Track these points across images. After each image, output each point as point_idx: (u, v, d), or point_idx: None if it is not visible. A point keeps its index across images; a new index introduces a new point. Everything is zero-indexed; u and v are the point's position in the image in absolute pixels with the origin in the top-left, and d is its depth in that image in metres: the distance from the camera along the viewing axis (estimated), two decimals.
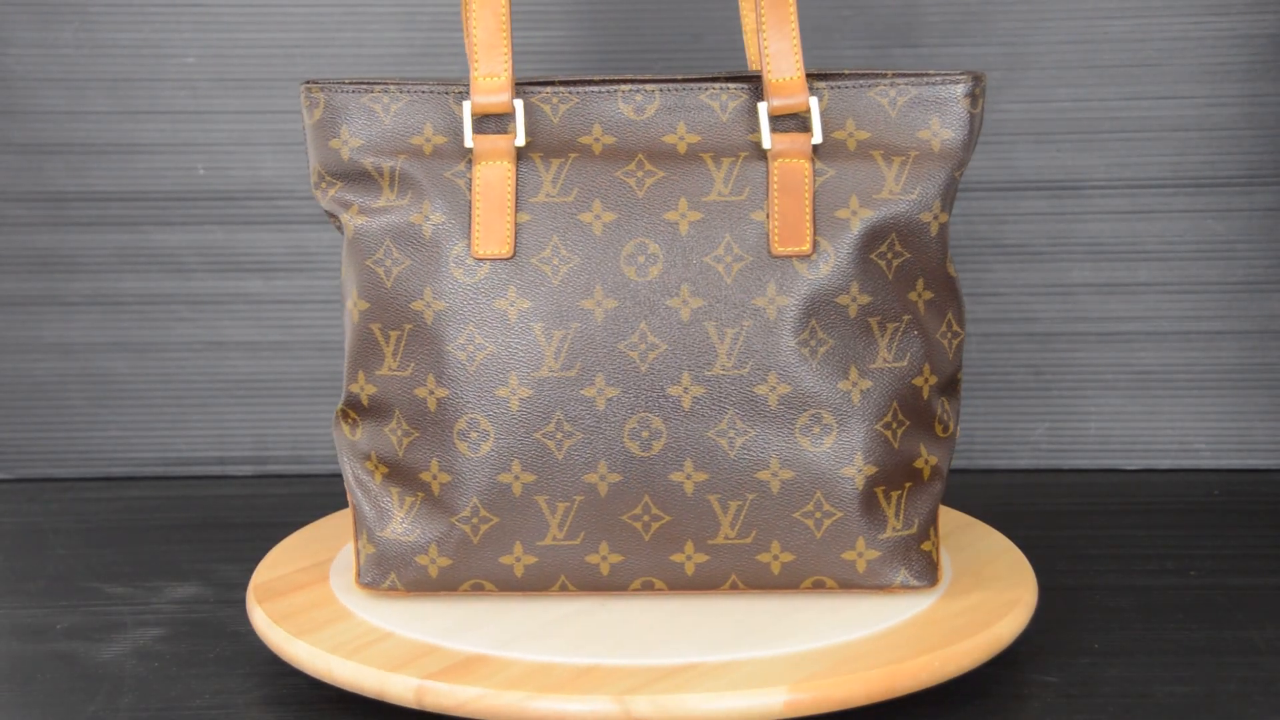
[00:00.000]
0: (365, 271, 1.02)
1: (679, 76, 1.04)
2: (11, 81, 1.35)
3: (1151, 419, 1.37)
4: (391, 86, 1.02)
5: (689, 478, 1.00)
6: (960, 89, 1.03)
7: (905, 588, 1.03)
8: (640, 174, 1.01)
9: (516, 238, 1.00)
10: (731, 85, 1.03)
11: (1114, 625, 1.09)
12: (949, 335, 1.04)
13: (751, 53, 1.10)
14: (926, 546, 1.03)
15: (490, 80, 1.01)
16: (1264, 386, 1.36)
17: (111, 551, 1.23)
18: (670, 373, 1.00)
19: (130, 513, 1.31)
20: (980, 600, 1.03)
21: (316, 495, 1.33)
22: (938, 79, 1.03)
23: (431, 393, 1.00)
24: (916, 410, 1.03)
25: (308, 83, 1.03)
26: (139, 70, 1.35)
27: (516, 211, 1.00)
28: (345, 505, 1.24)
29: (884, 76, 1.03)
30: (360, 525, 1.03)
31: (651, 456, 1.00)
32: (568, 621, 1.00)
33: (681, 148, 1.02)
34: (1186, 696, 0.99)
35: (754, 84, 1.04)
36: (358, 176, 1.02)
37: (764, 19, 1.02)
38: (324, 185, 1.03)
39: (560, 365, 1.00)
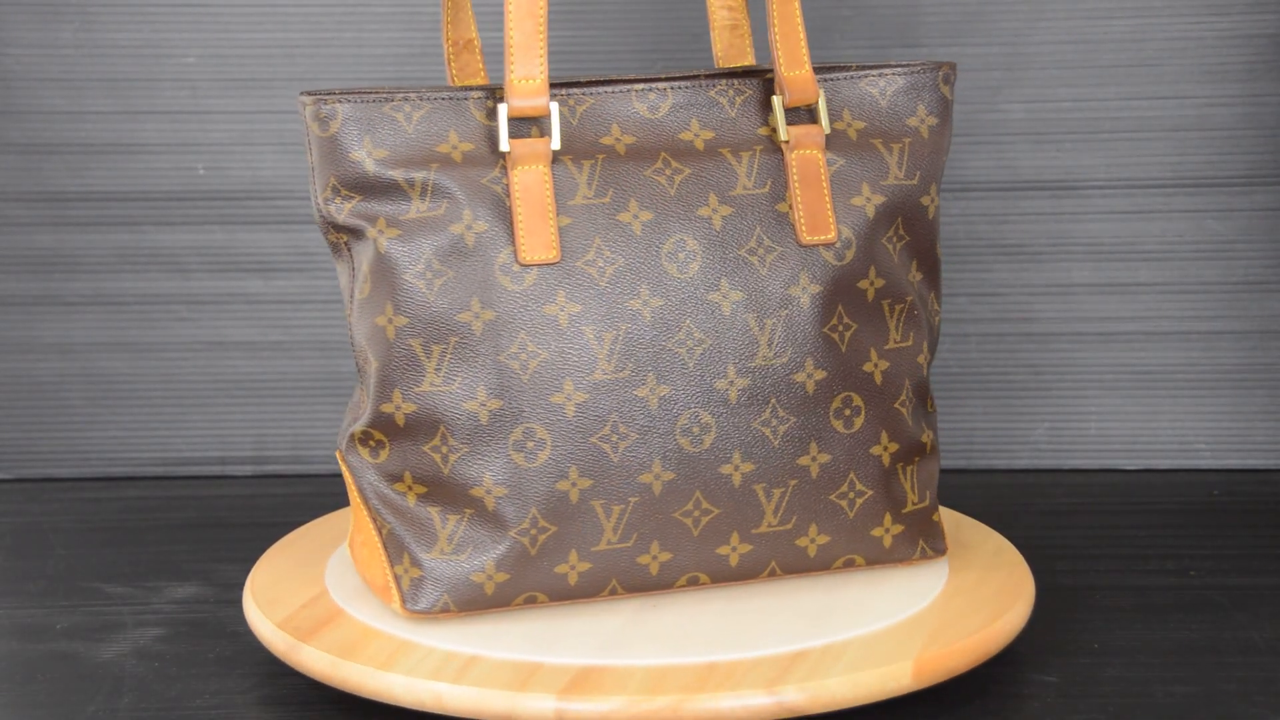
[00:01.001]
0: (404, 286, 0.98)
1: (688, 73, 1.05)
2: (11, 81, 1.35)
3: (1151, 419, 1.37)
4: (411, 95, 0.99)
5: (737, 469, 1.01)
6: (940, 75, 1.07)
7: (923, 558, 1.07)
8: (669, 171, 1.02)
9: (560, 241, 0.99)
10: (736, 81, 1.05)
11: (1114, 625, 1.09)
12: (934, 313, 1.08)
13: (718, 48, 1.11)
14: (936, 517, 1.08)
15: (527, 83, 0.99)
16: (1264, 386, 1.36)
17: (111, 551, 1.23)
18: (716, 367, 1.01)
19: (130, 513, 1.31)
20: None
21: (316, 495, 1.33)
22: (917, 68, 1.06)
23: (483, 405, 0.98)
24: (919, 387, 1.07)
25: (316, 95, 0.99)
26: (139, 70, 1.35)
27: (557, 215, 1.00)
28: (345, 505, 1.24)
29: (849, 69, 1.06)
30: (397, 549, 1.00)
31: (702, 452, 1.01)
32: (634, 625, 1.00)
33: (699, 144, 1.03)
34: (1186, 696, 0.99)
35: (756, 79, 1.05)
36: (384, 188, 0.99)
37: (774, 14, 1.04)
38: (339, 199, 0.99)
39: (613, 367, 0.99)
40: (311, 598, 1.04)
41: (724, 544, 1.02)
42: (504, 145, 0.99)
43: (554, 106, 1.00)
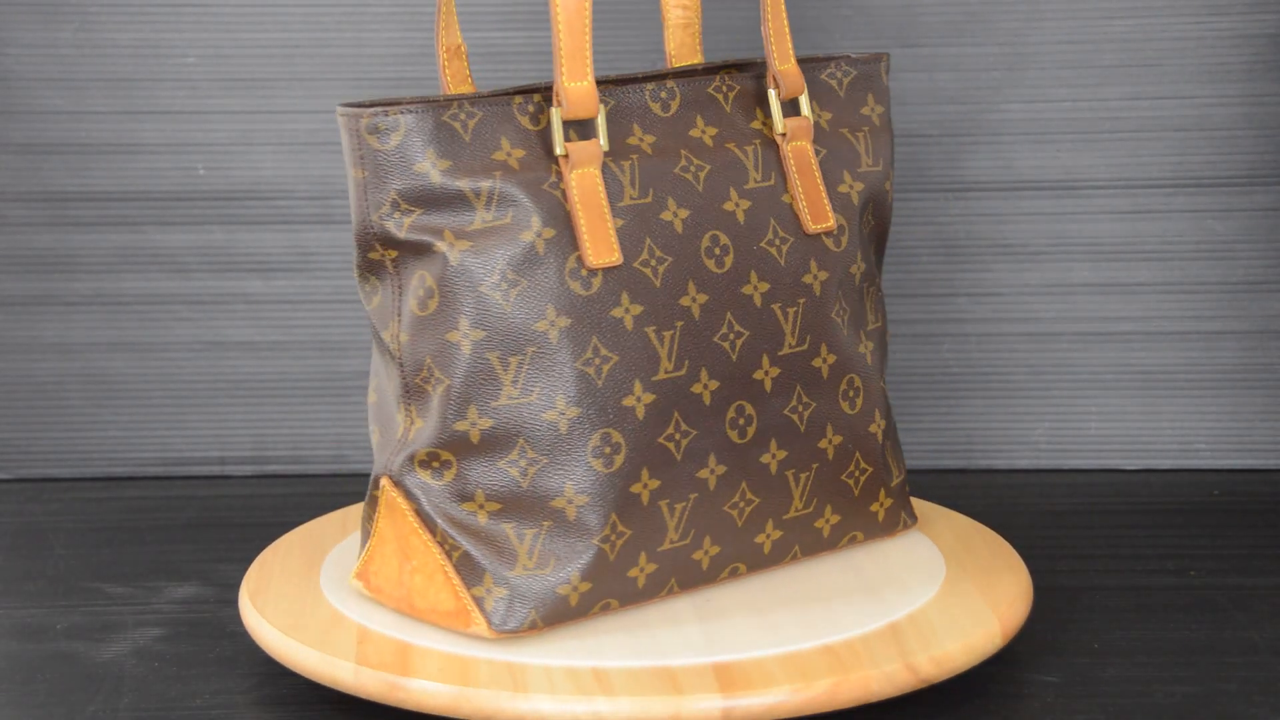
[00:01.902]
0: (481, 298, 0.96)
1: (683, 70, 1.06)
2: (11, 81, 1.35)
3: (1151, 419, 1.37)
4: (464, 103, 0.97)
5: (774, 457, 1.03)
6: (882, 66, 1.11)
7: (904, 529, 1.11)
8: (693, 169, 1.03)
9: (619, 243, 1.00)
10: (727, 77, 1.06)
11: (1114, 625, 1.09)
12: (882, 295, 1.12)
13: (671, 46, 1.12)
14: (908, 488, 1.13)
15: (578, 85, 0.98)
16: (1264, 386, 1.36)
17: (111, 551, 1.23)
18: (753, 358, 1.03)
19: (130, 513, 1.31)
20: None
21: (316, 495, 1.33)
22: (864, 60, 1.10)
23: (562, 414, 0.97)
24: (886, 364, 1.11)
25: (366, 107, 0.96)
26: (139, 70, 1.35)
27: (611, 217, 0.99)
28: (344, 505, 1.24)
29: (802, 61, 1.09)
30: (473, 571, 0.98)
31: (747, 443, 1.02)
32: (694, 621, 1.00)
33: (708, 141, 1.04)
34: (1186, 696, 0.99)
35: (740, 74, 1.07)
36: (448, 199, 0.96)
37: (767, 10, 1.05)
38: (399, 213, 0.97)
39: (674, 366, 1.00)
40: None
41: (760, 532, 1.04)
42: (559, 149, 0.98)
43: (601, 108, 0.99)
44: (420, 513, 0.99)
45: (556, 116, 0.98)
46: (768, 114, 1.07)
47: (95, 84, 1.35)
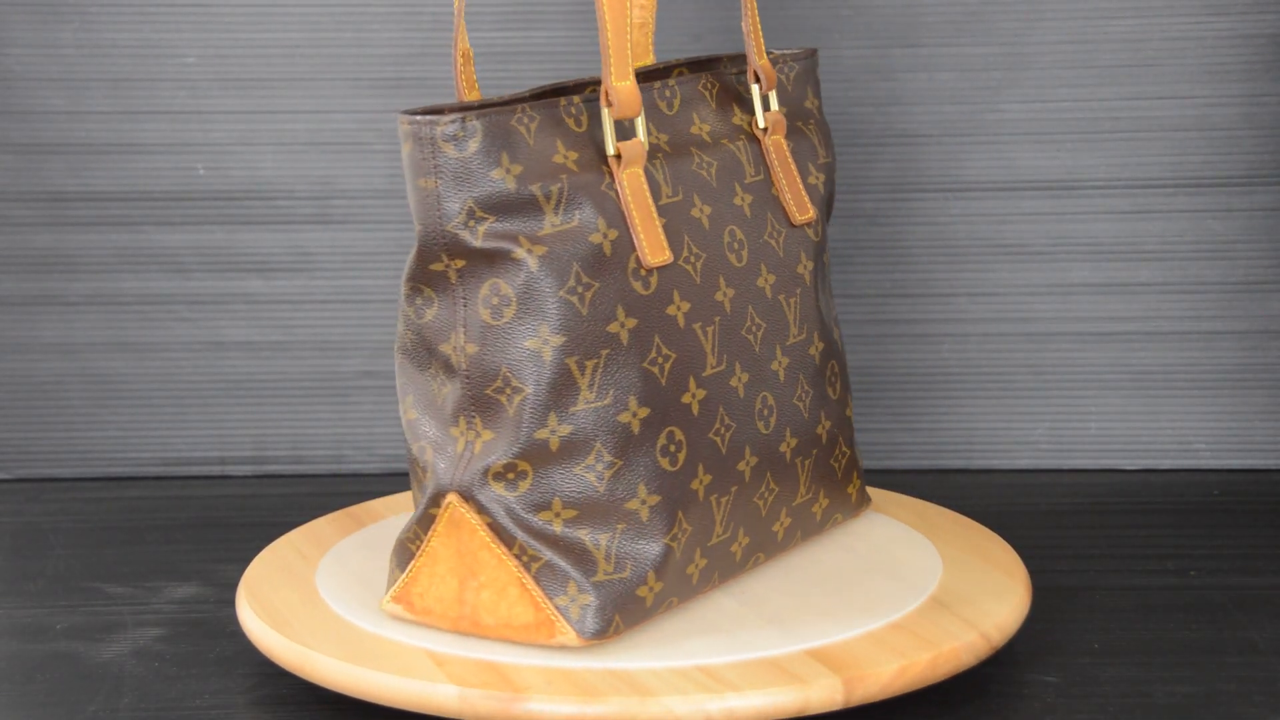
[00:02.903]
0: (560, 303, 0.95)
1: (673, 64, 1.07)
2: (11, 81, 1.35)
3: (1151, 419, 1.37)
4: (525, 106, 0.96)
5: (789, 446, 1.05)
6: (814, 61, 1.13)
7: (865, 506, 1.14)
8: (704, 165, 1.04)
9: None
10: (709, 75, 1.07)
11: (1114, 625, 1.09)
12: None
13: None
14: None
15: (624, 85, 0.98)
16: (1264, 386, 1.36)
17: (111, 551, 1.23)
18: (770, 349, 1.04)
19: (130, 513, 1.31)
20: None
21: (316, 495, 1.33)
22: (801, 55, 1.12)
23: (635, 415, 0.97)
24: None
25: (435, 114, 0.94)
26: (139, 70, 1.35)
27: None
28: (344, 506, 1.24)
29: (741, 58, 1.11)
30: (556, 580, 0.96)
31: (770, 433, 1.04)
32: (749, 611, 1.02)
33: (707, 137, 1.05)
34: (1186, 696, 0.99)
35: (713, 71, 1.08)
36: (521, 205, 0.95)
37: (747, 6, 1.07)
38: (474, 221, 0.95)
39: (716, 361, 1.01)
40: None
41: (777, 521, 1.06)
42: (611, 149, 0.98)
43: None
44: (495, 526, 0.97)
45: (608, 116, 0.98)
46: (743, 110, 1.08)
47: (95, 84, 1.35)
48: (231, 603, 1.13)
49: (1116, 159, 1.34)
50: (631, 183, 0.98)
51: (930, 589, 1.04)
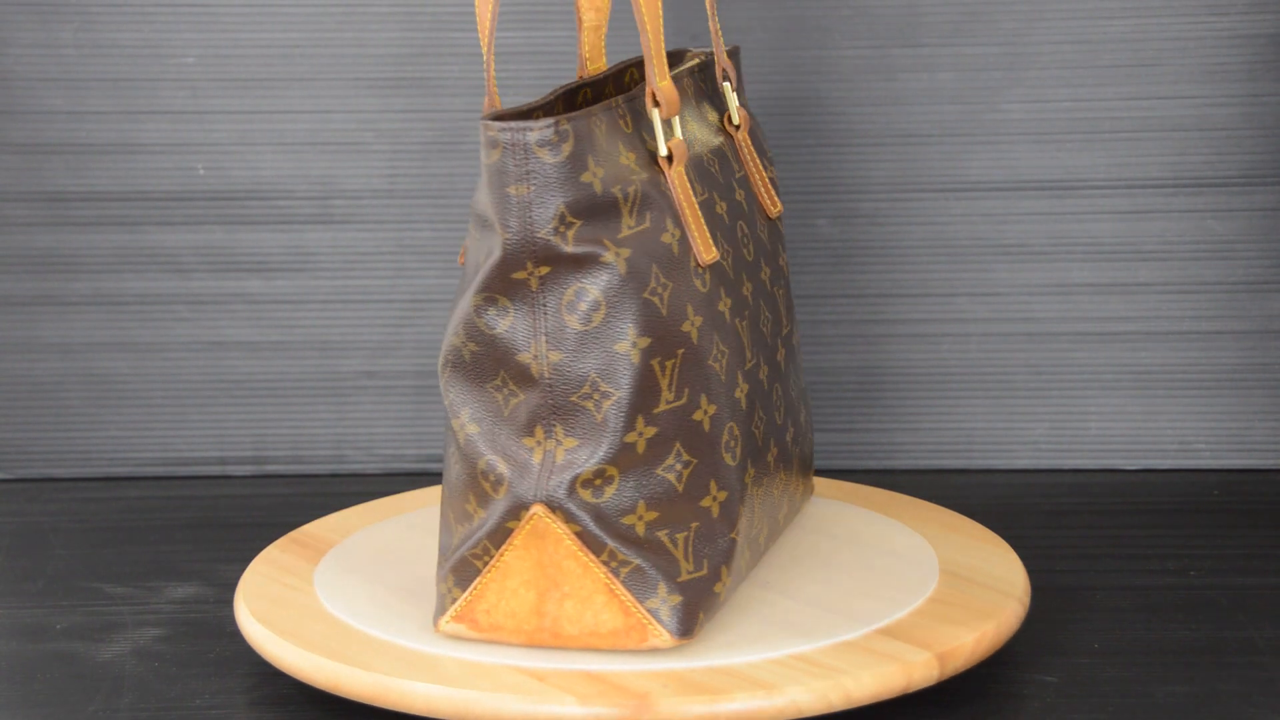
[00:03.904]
0: (645, 305, 0.94)
1: (626, 65, 1.08)
2: (11, 81, 1.35)
3: (1151, 419, 1.37)
4: (596, 109, 0.96)
5: (789, 434, 1.07)
6: (739, 59, 1.14)
7: (811, 492, 1.16)
8: (710, 161, 1.04)
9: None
10: (692, 75, 1.08)
11: (1114, 625, 1.09)
12: None
13: (585, 49, 1.12)
14: None
15: (666, 85, 0.98)
16: (1264, 386, 1.36)
17: (111, 551, 1.23)
18: (775, 341, 1.07)
19: (130, 513, 1.31)
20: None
21: (316, 495, 1.33)
22: (733, 52, 1.13)
23: (705, 412, 0.97)
24: None
25: (523, 118, 0.94)
26: (139, 70, 1.35)
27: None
28: (344, 506, 1.24)
29: (690, 54, 1.12)
30: (645, 584, 0.96)
31: (781, 424, 1.06)
32: (790, 600, 1.03)
33: (699, 134, 1.05)
34: (1186, 696, 0.99)
35: (687, 70, 1.08)
36: (604, 208, 0.94)
37: (710, 5, 1.08)
38: (564, 226, 0.93)
39: (751, 355, 1.02)
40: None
41: (781, 509, 1.08)
42: (664, 150, 0.97)
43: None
44: (584, 535, 0.95)
45: (657, 117, 0.98)
46: (714, 107, 1.09)
47: (95, 84, 1.35)
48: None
49: (1116, 159, 1.34)
50: (680, 181, 0.98)
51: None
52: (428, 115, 1.35)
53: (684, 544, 0.96)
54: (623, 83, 1.09)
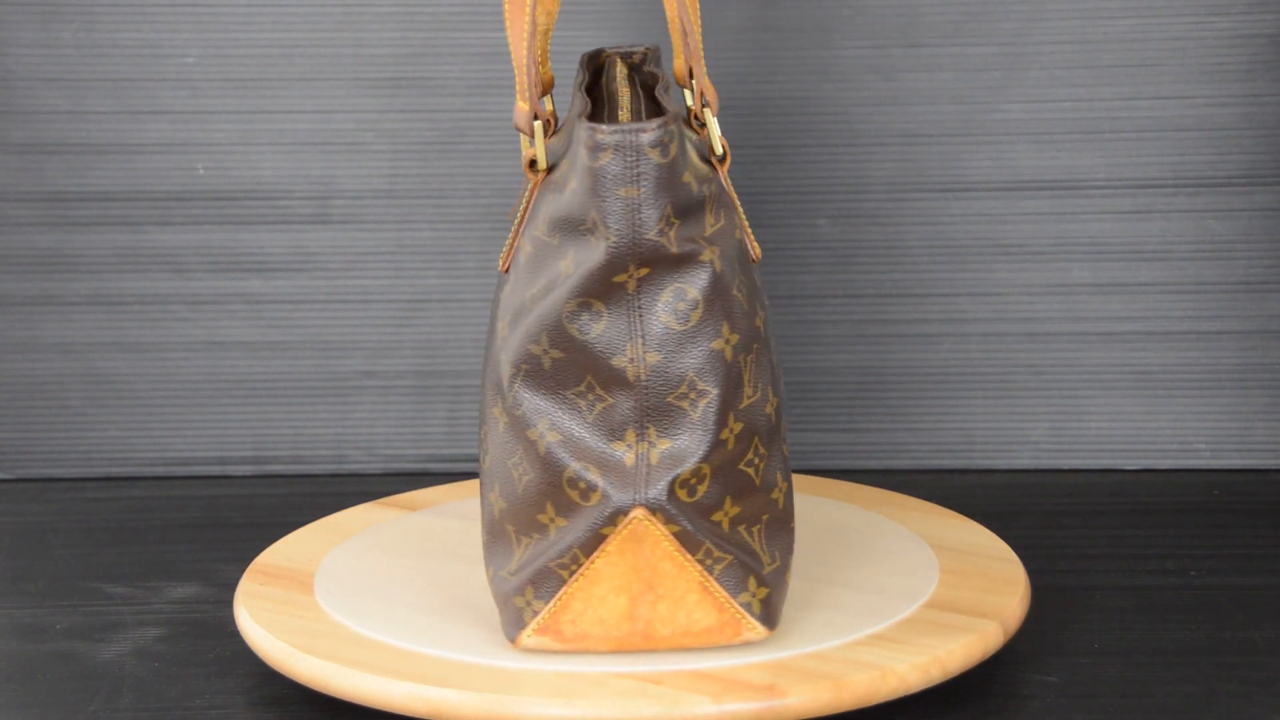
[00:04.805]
0: (732, 302, 0.95)
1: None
2: (11, 81, 1.35)
3: (1151, 419, 1.37)
4: (676, 110, 0.96)
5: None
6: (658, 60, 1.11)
7: None
8: None
9: None
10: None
11: (1114, 625, 1.09)
12: None
13: (535, 54, 1.11)
14: None
15: (710, 86, 0.99)
16: (1264, 386, 1.36)
17: (111, 551, 1.23)
18: None
19: (130, 513, 1.31)
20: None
21: (316, 495, 1.33)
22: (648, 49, 1.10)
23: (773, 405, 0.97)
24: None
25: (654, 119, 0.93)
26: (139, 70, 1.35)
27: None
28: (344, 506, 1.24)
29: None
30: (736, 579, 0.96)
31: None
32: (815, 588, 1.05)
33: None
34: (1186, 696, 0.99)
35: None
36: (695, 207, 0.94)
37: (682, 17, 1.05)
38: (668, 227, 0.93)
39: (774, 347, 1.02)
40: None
41: None
42: (719, 149, 0.97)
43: None
44: (683, 535, 0.95)
45: (710, 116, 0.98)
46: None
47: (95, 84, 1.35)
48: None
49: (1116, 159, 1.34)
50: (726, 179, 0.98)
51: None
52: (428, 115, 1.35)
53: (759, 537, 0.97)
54: (601, 81, 1.08)
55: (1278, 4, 1.32)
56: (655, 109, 1.03)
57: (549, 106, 1.05)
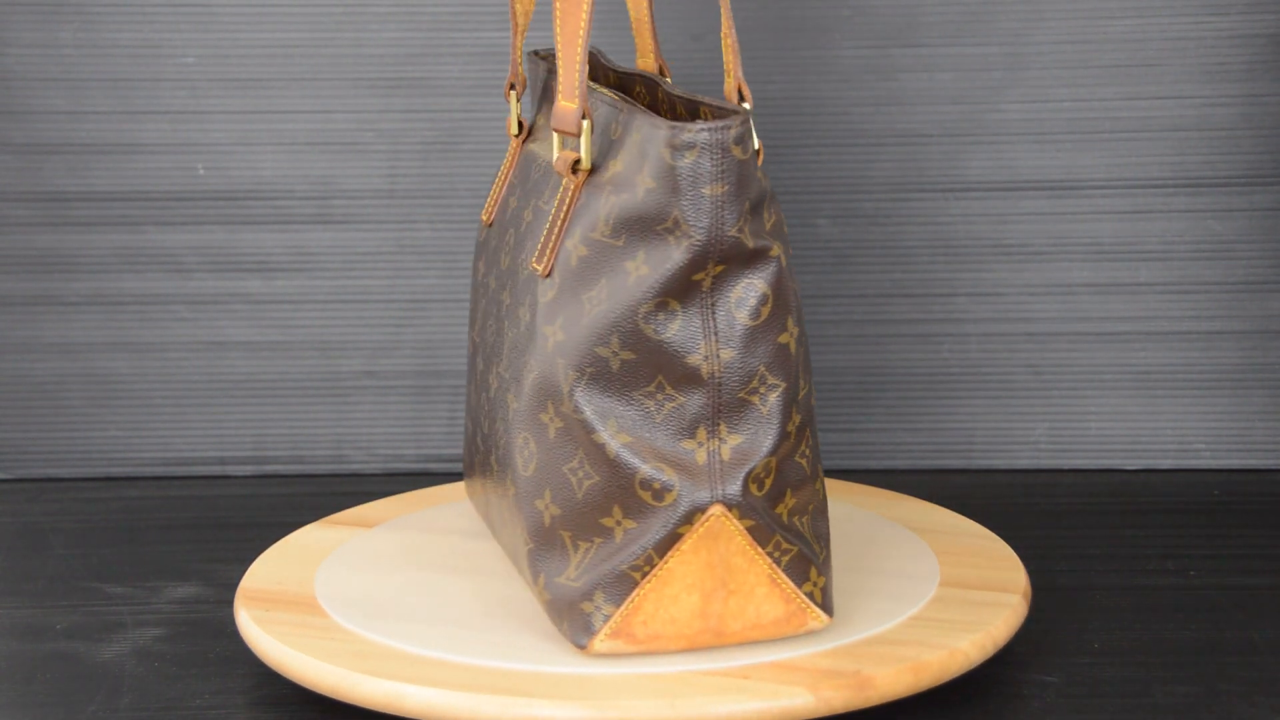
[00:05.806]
0: (794, 296, 0.95)
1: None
2: (11, 81, 1.35)
3: (1151, 419, 1.37)
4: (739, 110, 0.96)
5: None
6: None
7: None
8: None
9: None
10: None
11: (1114, 625, 1.09)
12: None
13: (515, 54, 1.12)
14: None
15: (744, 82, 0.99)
16: (1264, 386, 1.36)
17: (111, 551, 1.23)
18: None
19: (130, 513, 1.31)
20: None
21: (316, 495, 1.33)
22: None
23: (812, 396, 0.98)
24: None
25: (734, 115, 0.92)
26: (139, 70, 1.35)
27: None
28: (345, 506, 1.24)
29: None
30: (799, 570, 0.96)
31: None
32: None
33: None
34: (1186, 696, 0.99)
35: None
36: (762, 203, 0.94)
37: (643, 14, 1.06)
38: (745, 224, 0.93)
39: None
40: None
41: None
42: (756, 144, 0.96)
43: None
44: (755, 529, 0.95)
45: (748, 114, 0.97)
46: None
47: (95, 84, 1.35)
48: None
49: (1116, 159, 1.34)
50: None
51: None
52: (428, 115, 1.35)
53: (809, 526, 0.97)
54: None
55: (1278, 4, 1.32)
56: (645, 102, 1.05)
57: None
